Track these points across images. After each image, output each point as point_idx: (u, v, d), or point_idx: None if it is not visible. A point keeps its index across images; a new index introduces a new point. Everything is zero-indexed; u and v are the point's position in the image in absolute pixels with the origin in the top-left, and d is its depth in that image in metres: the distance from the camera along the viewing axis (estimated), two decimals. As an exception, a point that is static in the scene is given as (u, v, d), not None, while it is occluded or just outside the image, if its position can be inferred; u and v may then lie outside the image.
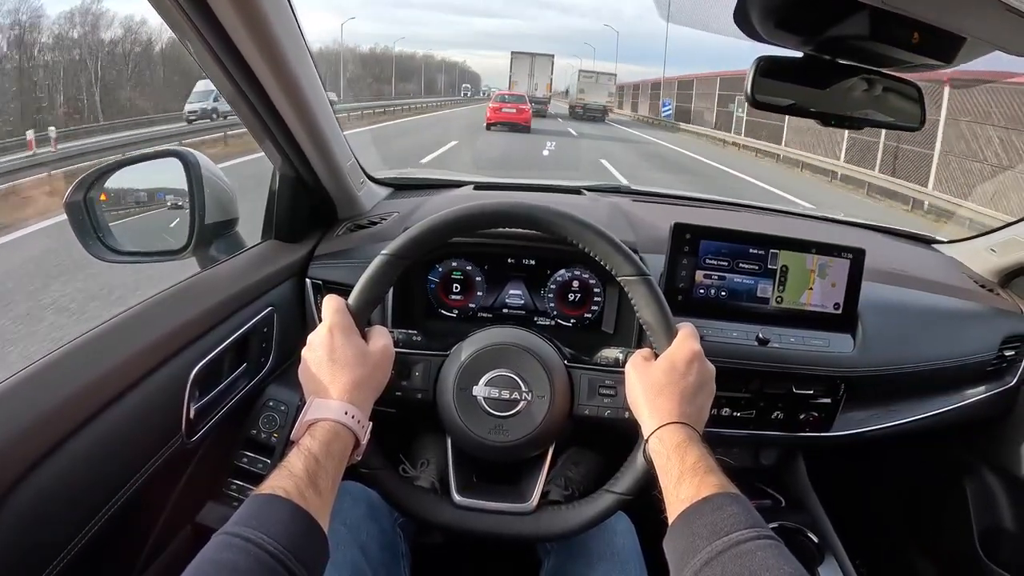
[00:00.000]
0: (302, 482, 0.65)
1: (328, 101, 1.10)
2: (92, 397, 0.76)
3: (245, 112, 1.02)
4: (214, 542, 0.59)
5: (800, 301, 1.17)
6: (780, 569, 0.58)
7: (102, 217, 1.11)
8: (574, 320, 1.24)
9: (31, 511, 0.67)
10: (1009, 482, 1.46)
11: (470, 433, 0.87)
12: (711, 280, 1.15)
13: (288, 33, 0.91)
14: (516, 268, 1.23)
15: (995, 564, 1.46)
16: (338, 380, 0.77)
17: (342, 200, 1.32)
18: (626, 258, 0.87)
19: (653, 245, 1.16)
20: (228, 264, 1.11)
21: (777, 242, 1.15)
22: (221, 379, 1.01)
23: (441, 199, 1.48)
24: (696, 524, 0.65)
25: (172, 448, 0.88)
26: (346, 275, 1.17)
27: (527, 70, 34.88)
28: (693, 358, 0.81)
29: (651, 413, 0.79)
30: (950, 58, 0.82)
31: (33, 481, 0.67)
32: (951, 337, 1.33)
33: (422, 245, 0.87)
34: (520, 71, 34.87)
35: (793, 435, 1.22)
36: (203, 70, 0.94)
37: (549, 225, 0.89)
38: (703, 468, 0.70)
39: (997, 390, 1.37)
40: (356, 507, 0.98)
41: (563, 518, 0.87)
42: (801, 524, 1.23)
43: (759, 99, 0.89)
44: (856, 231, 1.75)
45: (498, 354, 0.89)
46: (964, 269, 1.54)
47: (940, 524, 1.61)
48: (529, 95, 29.72)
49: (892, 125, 1.02)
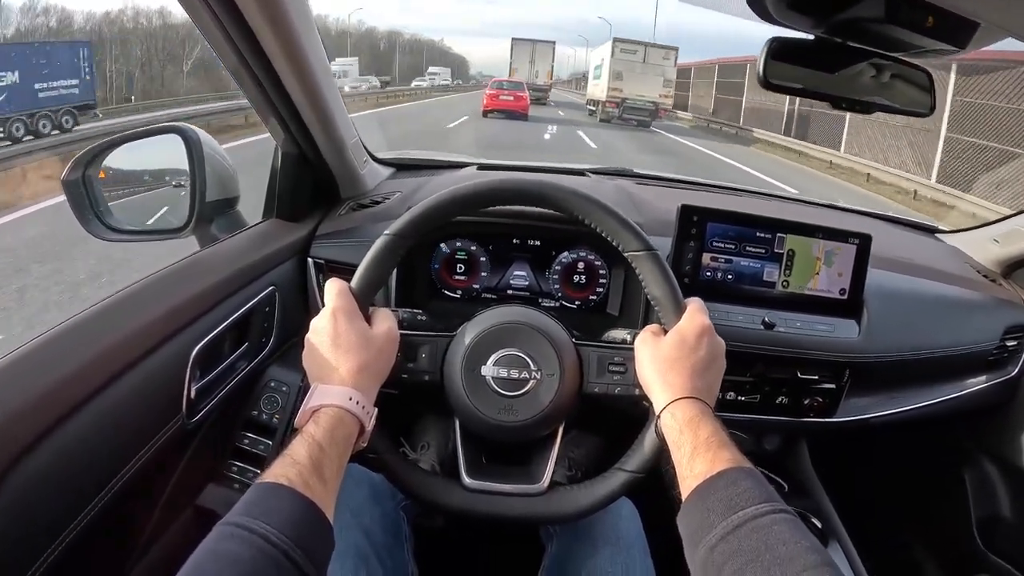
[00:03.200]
0: (306, 470, 0.64)
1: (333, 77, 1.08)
2: (91, 376, 0.74)
3: (250, 87, 1.01)
4: (216, 532, 0.58)
5: (806, 286, 1.16)
6: (797, 543, 0.58)
7: (100, 195, 1.10)
8: (579, 302, 1.23)
9: (29, 493, 0.65)
10: (1008, 471, 1.47)
11: (479, 414, 0.85)
12: (717, 263, 1.15)
13: (298, 8, 0.90)
14: (521, 249, 1.21)
15: (992, 552, 1.47)
16: (342, 365, 0.75)
17: (345, 179, 1.31)
18: (634, 234, 0.86)
19: (659, 227, 1.15)
20: (229, 243, 1.10)
21: (784, 226, 1.15)
22: (222, 359, 1.00)
23: (444, 179, 1.47)
24: (711, 499, 0.64)
25: (172, 429, 0.87)
26: (349, 254, 1.16)
27: (528, 57, 33.66)
28: (703, 332, 0.80)
29: (663, 388, 0.78)
30: (964, 43, 0.81)
31: (30, 462, 0.65)
32: (954, 326, 1.33)
33: (426, 224, 0.85)
34: (520, 58, 33.70)
35: (797, 420, 1.22)
36: (209, 44, 0.92)
37: (555, 201, 0.87)
38: (716, 443, 0.70)
39: (998, 380, 1.38)
40: (359, 490, 0.98)
41: (574, 498, 0.86)
42: (804, 509, 1.23)
43: (771, 81, 0.88)
44: (860, 219, 1.75)
45: (505, 333, 0.88)
46: (967, 259, 1.54)
47: (939, 512, 1.62)
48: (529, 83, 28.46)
49: (901, 110, 1.01)
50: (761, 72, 0.88)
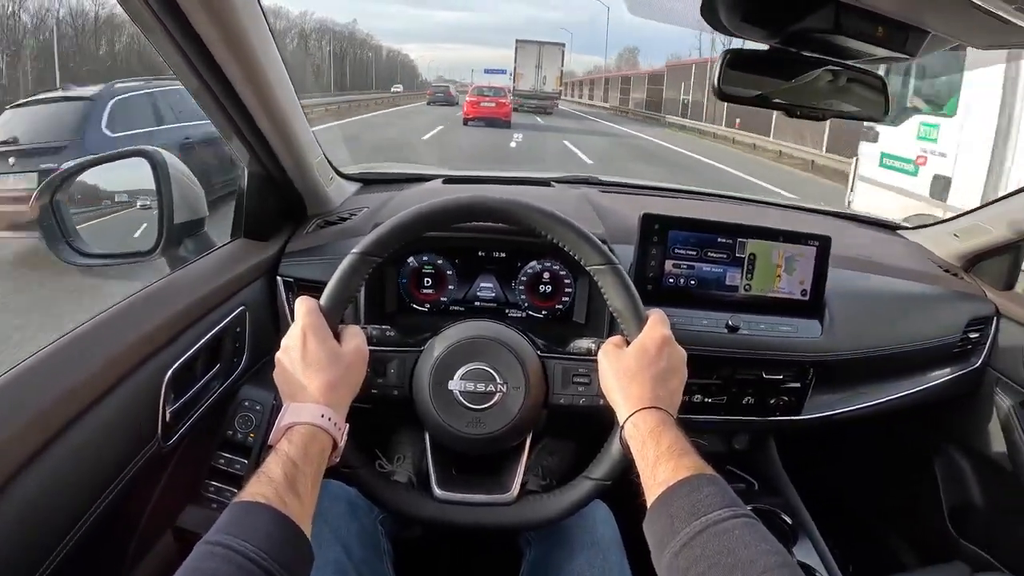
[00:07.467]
0: (282, 487, 0.65)
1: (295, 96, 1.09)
2: (66, 406, 0.75)
3: (212, 109, 1.01)
4: (196, 552, 0.59)
5: (768, 288, 1.19)
6: (757, 545, 0.60)
7: (70, 220, 1.10)
8: (546, 312, 1.24)
9: (8, 525, 0.66)
10: (976, 460, 1.51)
11: (448, 427, 0.87)
12: (680, 269, 1.17)
13: (255, 26, 0.90)
14: (487, 261, 1.23)
15: (965, 540, 1.51)
16: (313, 383, 0.77)
17: (311, 196, 1.31)
18: (594, 248, 0.88)
19: (622, 235, 1.18)
20: (198, 264, 1.10)
21: (744, 231, 1.17)
22: (195, 381, 1.00)
23: (410, 193, 1.48)
24: (674, 506, 0.66)
25: (149, 452, 0.87)
26: (317, 272, 1.16)
27: (534, 61, 30.90)
28: (664, 343, 0.82)
29: (625, 399, 0.80)
30: (914, 50, 0.83)
31: (10, 495, 0.66)
32: (917, 321, 1.36)
33: (392, 242, 0.87)
34: (526, 62, 30.97)
35: (764, 419, 1.25)
36: (168, 66, 0.92)
37: (518, 218, 0.89)
38: (678, 451, 0.72)
39: (963, 371, 1.41)
40: (336, 505, 0.98)
41: (543, 506, 0.88)
42: (775, 506, 1.26)
43: (726, 91, 0.90)
44: (822, 218, 1.78)
45: (471, 348, 0.89)
46: (928, 254, 1.58)
47: (911, 503, 1.65)
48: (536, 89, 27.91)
49: (857, 116, 1.03)
50: (717, 83, 0.89)
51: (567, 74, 38.56)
